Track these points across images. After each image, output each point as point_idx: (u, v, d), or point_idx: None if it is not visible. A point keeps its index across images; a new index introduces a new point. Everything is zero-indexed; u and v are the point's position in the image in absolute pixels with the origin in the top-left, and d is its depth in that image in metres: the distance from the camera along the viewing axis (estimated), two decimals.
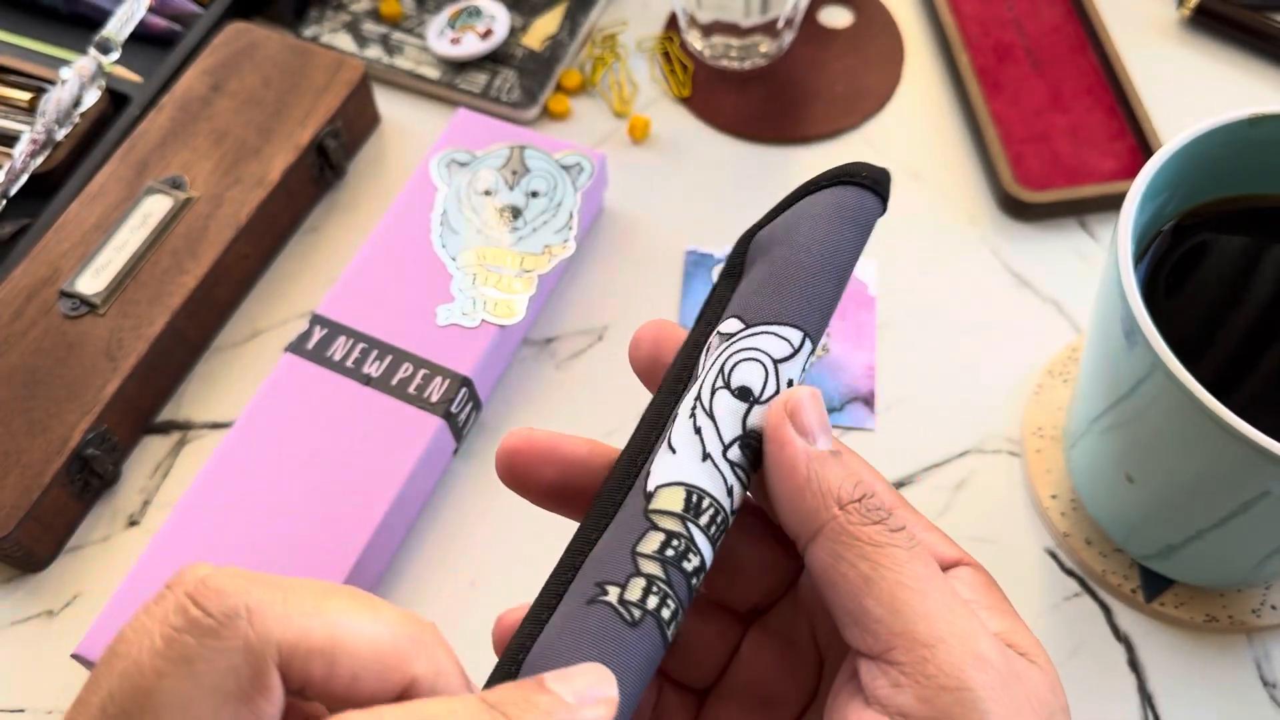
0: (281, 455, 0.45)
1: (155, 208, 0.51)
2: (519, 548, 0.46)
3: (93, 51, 0.56)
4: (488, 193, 0.52)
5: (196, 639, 0.20)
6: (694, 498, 0.27)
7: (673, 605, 0.26)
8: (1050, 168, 0.55)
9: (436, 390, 0.46)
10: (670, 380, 0.30)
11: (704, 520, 0.27)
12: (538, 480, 0.29)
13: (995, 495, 0.47)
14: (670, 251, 0.54)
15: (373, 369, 0.47)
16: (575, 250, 0.51)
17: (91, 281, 0.49)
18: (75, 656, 0.42)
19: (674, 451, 0.28)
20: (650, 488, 0.28)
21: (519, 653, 0.26)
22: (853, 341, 0.51)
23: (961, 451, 0.48)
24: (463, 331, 0.48)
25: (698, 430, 0.28)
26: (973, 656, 0.24)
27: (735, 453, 0.28)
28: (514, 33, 0.60)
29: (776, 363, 0.29)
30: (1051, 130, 0.56)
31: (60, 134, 0.54)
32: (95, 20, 0.59)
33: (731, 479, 0.28)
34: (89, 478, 0.47)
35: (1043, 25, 0.61)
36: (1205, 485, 0.37)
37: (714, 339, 0.30)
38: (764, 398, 0.28)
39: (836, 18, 0.62)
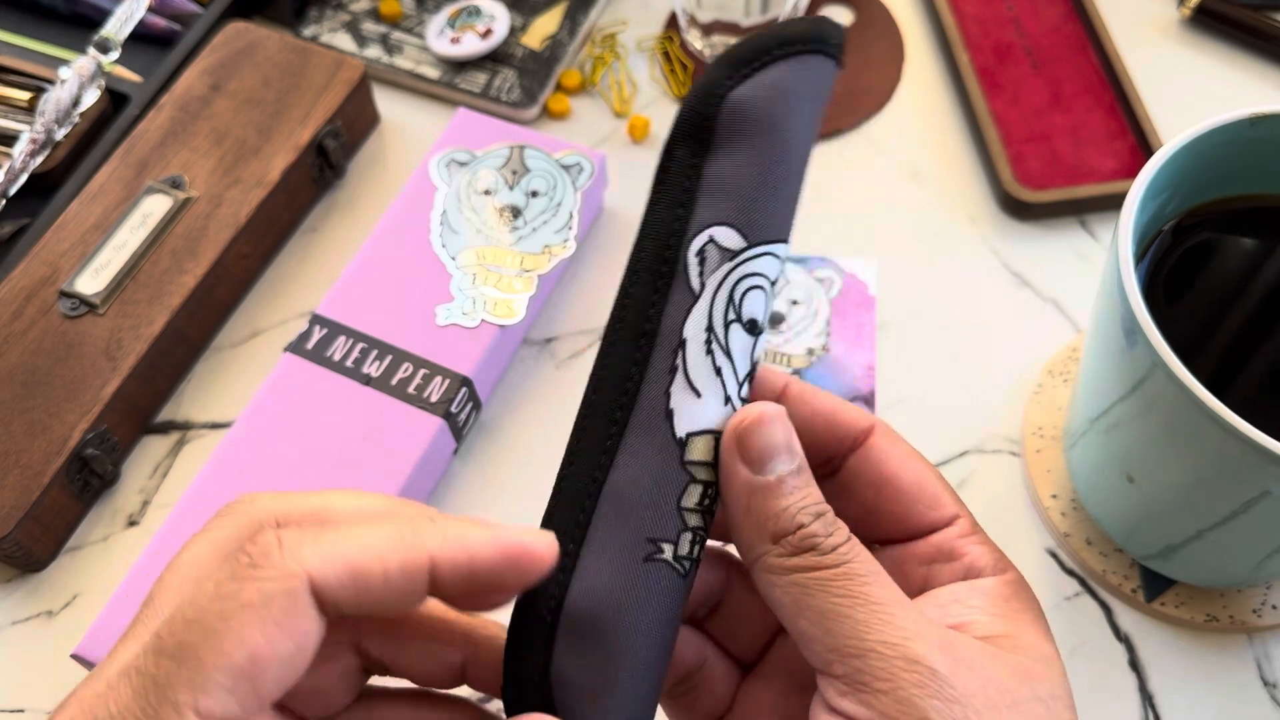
0: (281, 455, 0.45)
1: (155, 207, 0.51)
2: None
3: (92, 51, 0.56)
4: (487, 192, 0.52)
5: (244, 580, 0.23)
6: (719, 443, 0.28)
7: (702, 547, 0.28)
8: (1050, 167, 0.55)
9: (436, 390, 0.46)
10: (642, 269, 0.28)
11: None
12: None
13: (995, 495, 0.47)
14: None
15: (372, 369, 0.47)
16: (575, 250, 0.51)
17: (91, 281, 0.49)
18: (75, 657, 0.42)
19: (698, 395, 0.28)
20: (681, 434, 0.28)
21: (553, 596, 0.27)
22: (853, 341, 0.51)
23: (962, 451, 0.48)
24: (463, 331, 0.48)
25: (718, 370, 0.28)
26: (904, 660, 0.25)
27: (745, 391, 0.29)
28: (514, 32, 0.60)
29: (774, 283, 0.29)
30: (1052, 130, 0.56)
31: (60, 134, 0.54)
32: (95, 20, 0.59)
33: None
34: (88, 478, 0.47)
35: (1043, 25, 0.61)
36: (1206, 485, 0.37)
37: (708, 245, 0.28)
38: (765, 325, 0.29)
39: (837, 17, 0.62)
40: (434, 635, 0.28)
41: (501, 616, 0.28)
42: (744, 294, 0.28)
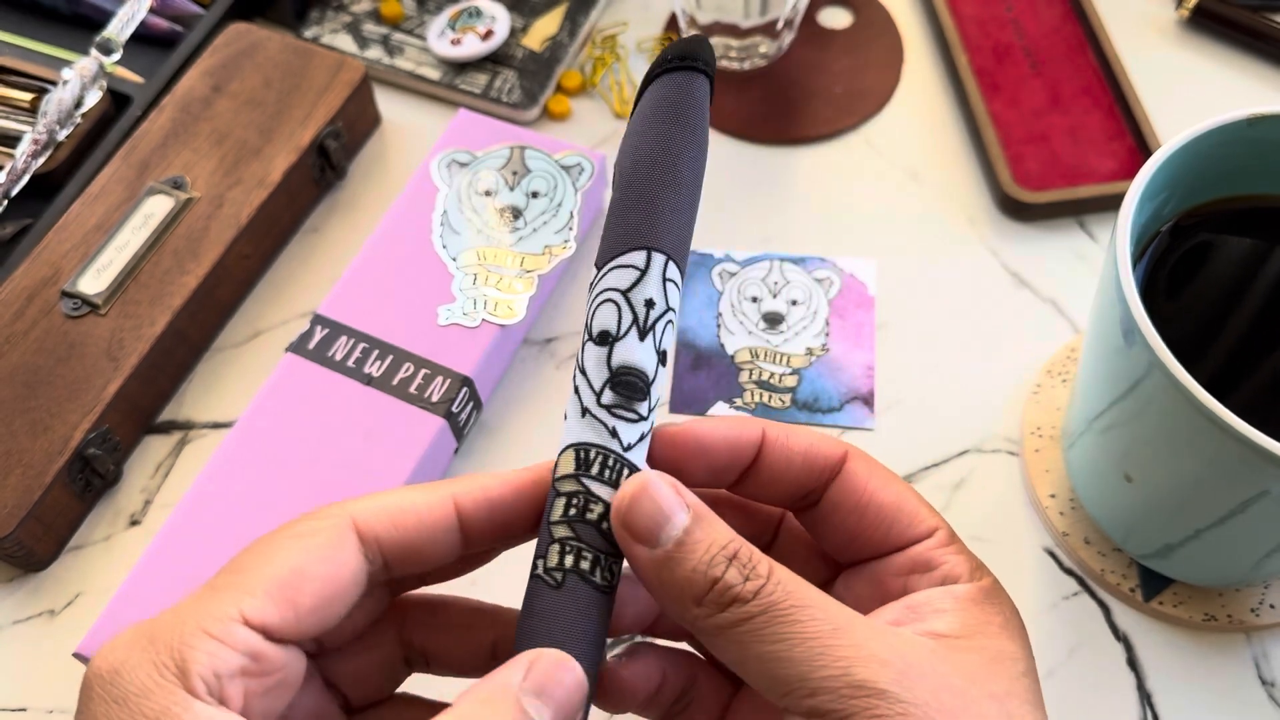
0: (283, 455, 0.45)
1: (156, 208, 0.51)
2: (519, 547, 0.46)
3: (94, 52, 0.56)
4: (488, 193, 0.52)
5: (299, 521, 0.28)
6: (581, 453, 0.29)
7: (590, 555, 0.28)
8: (1049, 168, 0.55)
9: (437, 390, 0.46)
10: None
11: (595, 470, 0.28)
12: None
13: (994, 495, 0.47)
14: None
15: (374, 369, 0.47)
16: (575, 250, 0.51)
17: (93, 281, 0.49)
18: (77, 655, 0.42)
19: (565, 418, 0.29)
20: (555, 461, 0.29)
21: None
22: (852, 341, 0.51)
23: (960, 451, 0.48)
24: (463, 331, 0.48)
25: (576, 390, 0.29)
26: (851, 689, 0.25)
27: (609, 395, 0.29)
28: (514, 34, 0.60)
29: (625, 293, 0.29)
30: (1050, 131, 0.57)
31: (62, 134, 0.54)
32: (97, 21, 0.60)
33: (612, 421, 0.29)
34: (90, 477, 0.47)
35: (1042, 26, 0.61)
36: (1204, 485, 0.37)
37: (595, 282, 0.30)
38: (622, 333, 0.29)
39: (836, 19, 0.62)
40: (468, 621, 0.32)
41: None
42: (595, 309, 0.29)
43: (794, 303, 0.52)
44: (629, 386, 0.29)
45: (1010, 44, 0.60)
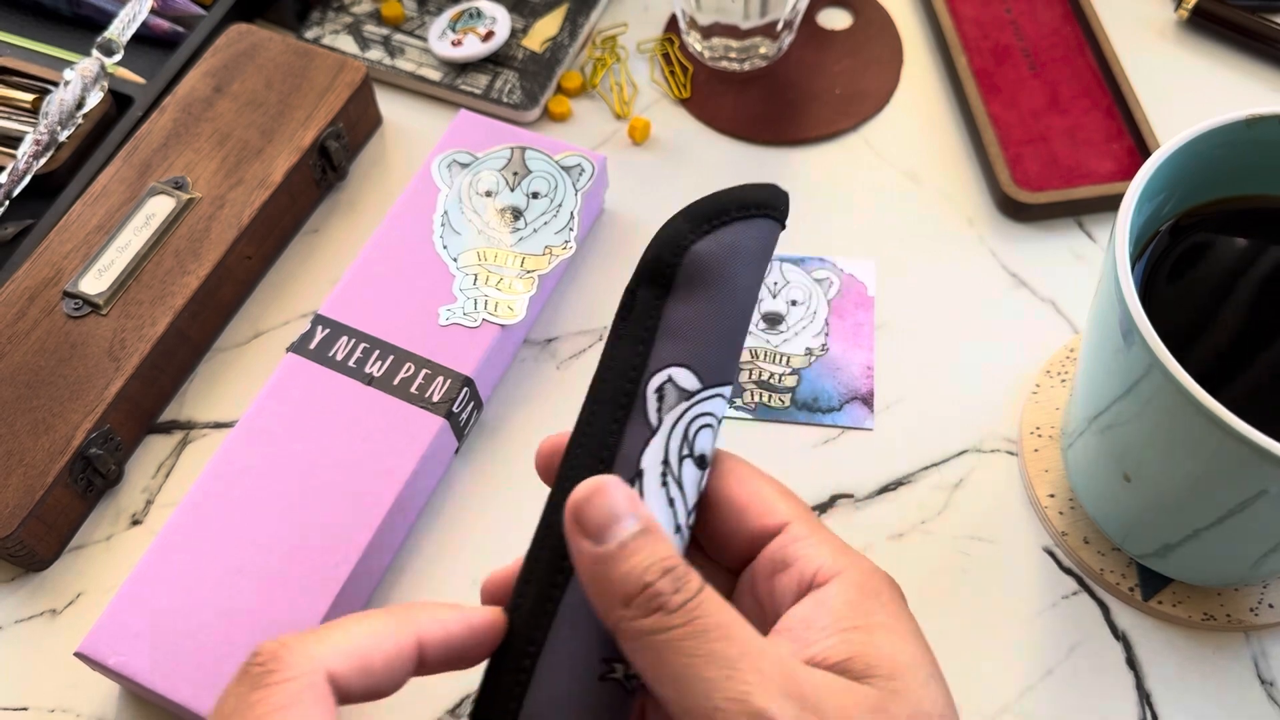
0: (284, 455, 0.45)
1: (158, 208, 0.51)
2: (519, 547, 0.46)
3: (96, 53, 0.56)
4: (489, 194, 0.52)
5: (268, 687, 0.25)
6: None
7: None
8: (1048, 169, 0.55)
9: (438, 390, 0.46)
10: (605, 399, 0.30)
11: None
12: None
13: (993, 494, 0.47)
14: None
15: (375, 369, 0.47)
16: (576, 251, 0.51)
17: (94, 282, 0.49)
18: (78, 655, 0.42)
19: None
20: None
21: (514, 700, 0.28)
22: (851, 341, 0.51)
23: (960, 451, 0.49)
24: (464, 332, 0.48)
25: (670, 502, 0.30)
26: (747, 716, 0.25)
27: (693, 518, 0.30)
28: (515, 35, 0.61)
29: (719, 423, 0.31)
30: (1049, 131, 0.57)
31: (63, 135, 0.54)
32: (98, 22, 0.60)
33: (682, 546, 0.30)
34: (92, 477, 0.47)
35: (1041, 27, 0.61)
36: (1202, 484, 0.37)
37: (667, 385, 0.30)
38: (710, 461, 0.31)
39: (835, 20, 0.62)
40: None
41: None
42: (697, 431, 0.30)
43: (793, 303, 0.52)
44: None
45: (1009, 45, 0.60)
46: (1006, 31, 0.61)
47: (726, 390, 0.31)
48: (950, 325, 0.52)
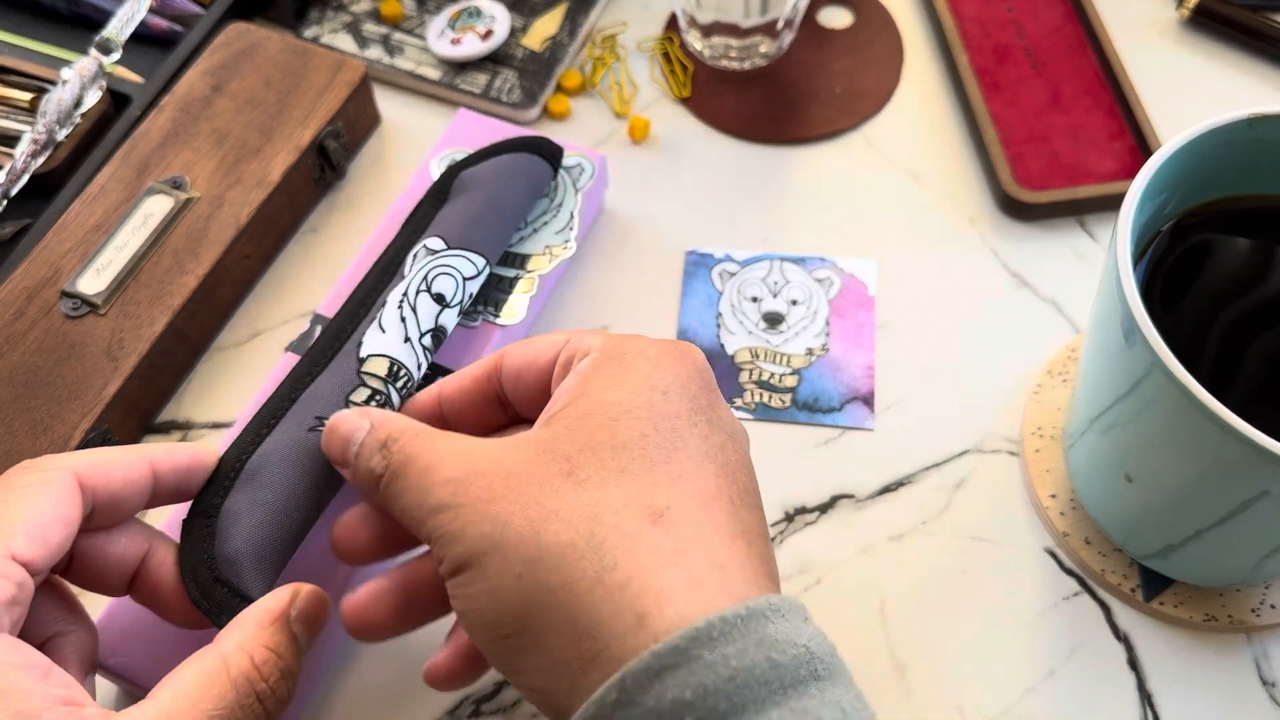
0: None
1: (156, 208, 0.51)
2: None
3: (94, 52, 0.56)
4: None
5: (29, 470, 0.33)
6: (394, 367, 0.40)
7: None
8: (1049, 168, 0.55)
9: None
10: (379, 270, 0.44)
11: (400, 384, 0.40)
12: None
13: (994, 495, 0.47)
14: (670, 252, 0.54)
15: None
16: (576, 250, 0.51)
17: (92, 281, 0.49)
18: None
19: (383, 331, 0.41)
20: (363, 354, 0.40)
21: (239, 459, 0.38)
22: (852, 341, 0.51)
23: (961, 451, 0.48)
24: (464, 332, 0.48)
25: (403, 320, 0.41)
26: (426, 511, 0.32)
27: (427, 340, 0.42)
28: (514, 33, 0.60)
29: (465, 279, 0.44)
30: (1051, 131, 0.57)
31: (61, 134, 0.54)
32: (96, 21, 0.60)
33: (421, 358, 0.41)
34: None
35: (1042, 26, 0.61)
36: (1204, 485, 0.37)
37: (420, 249, 0.44)
38: (453, 303, 0.43)
39: (836, 18, 0.62)
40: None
41: None
42: (436, 275, 0.43)
43: (794, 303, 0.52)
44: (436, 340, 0.42)
45: (1011, 44, 0.60)
46: (1008, 30, 0.61)
47: (476, 257, 0.44)
48: (951, 325, 0.52)
